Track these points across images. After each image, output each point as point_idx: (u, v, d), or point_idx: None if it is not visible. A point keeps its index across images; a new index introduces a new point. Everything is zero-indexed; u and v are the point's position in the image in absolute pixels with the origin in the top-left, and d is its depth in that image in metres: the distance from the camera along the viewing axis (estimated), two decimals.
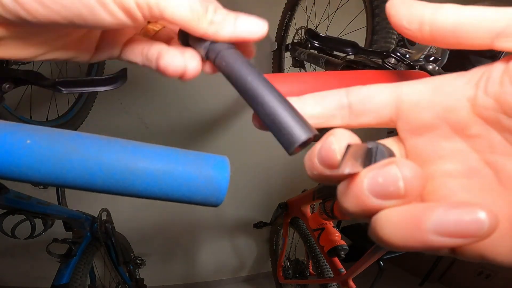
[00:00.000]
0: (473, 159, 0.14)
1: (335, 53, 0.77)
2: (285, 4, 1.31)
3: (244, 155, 1.61)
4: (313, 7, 1.23)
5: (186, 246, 1.71)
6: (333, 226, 0.96)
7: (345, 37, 0.64)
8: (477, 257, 0.13)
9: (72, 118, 1.03)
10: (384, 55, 0.49)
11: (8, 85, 0.37)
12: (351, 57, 0.58)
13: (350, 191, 0.13)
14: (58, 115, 1.01)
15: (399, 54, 0.48)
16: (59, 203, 0.99)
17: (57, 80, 0.34)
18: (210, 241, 1.74)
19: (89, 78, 0.34)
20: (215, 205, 0.18)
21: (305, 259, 1.22)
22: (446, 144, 0.15)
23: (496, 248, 0.13)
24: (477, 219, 0.10)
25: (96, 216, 0.95)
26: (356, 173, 0.13)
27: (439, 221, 0.11)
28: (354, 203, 0.13)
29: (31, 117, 0.91)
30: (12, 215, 0.62)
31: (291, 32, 1.24)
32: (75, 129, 1.05)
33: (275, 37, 1.36)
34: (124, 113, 1.44)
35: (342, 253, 0.89)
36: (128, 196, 0.17)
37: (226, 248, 1.79)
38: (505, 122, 0.13)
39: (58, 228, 0.81)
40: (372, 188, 0.12)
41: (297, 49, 1.06)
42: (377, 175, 0.12)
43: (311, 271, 1.16)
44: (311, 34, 0.72)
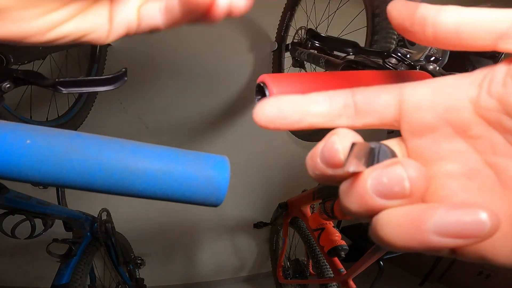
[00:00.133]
0: (474, 160, 0.14)
1: (335, 53, 0.77)
2: (285, 4, 1.31)
3: (244, 155, 1.61)
4: (313, 7, 1.23)
5: (186, 246, 1.71)
6: (333, 226, 0.96)
7: (345, 37, 0.64)
8: (477, 258, 0.13)
9: (72, 118, 1.03)
10: (384, 55, 0.49)
11: (8, 85, 0.37)
12: (352, 57, 0.58)
13: (353, 190, 0.13)
14: (58, 115, 1.01)
15: (399, 54, 0.48)
16: (59, 203, 0.99)
17: (57, 80, 0.34)
18: (210, 241, 1.74)
19: (89, 78, 0.34)
20: (215, 205, 0.18)
21: (305, 259, 1.22)
22: (448, 145, 0.15)
23: (497, 249, 0.13)
24: (478, 220, 0.10)
25: (96, 216, 0.95)
26: (359, 172, 0.13)
27: (440, 222, 0.11)
28: (357, 202, 0.13)
29: (31, 117, 0.91)
30: (12, 215, 0.62)
31: (291, 32, 1.24)
32: (75, 129, 1.05)
33: (275, 37, 1.36)
34: (124, 113, 1.44)
35: (342, 253, 0.89)
36: (128, 196, 0.17)
37: (226, 248, 1.78)
38: (507, 124, 0.13)
39: (58, 228, 0.81)
40: (376, 188, 0.12)
41: (297, 49, 1.06)
42: (382, 175, 0.12)
43: (311, 271, 1.16)
44: (312, 34, 0.72)
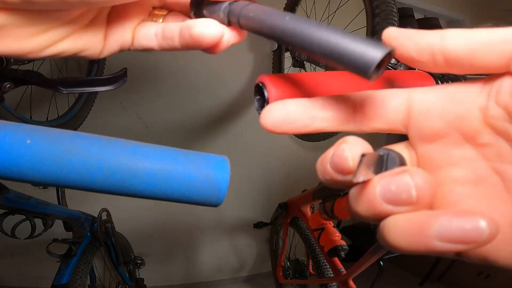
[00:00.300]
0: (482, 167, 0.15)
1: None
2: (285, 4, 1.31)
3: (244, 155, 1.61)
4: (313, 7, 1.23)
5: (186, 246, 1.71)
6: (333, 226, 0.96)
7: None
8: (481, 259, 0.14)
9: (72, 118, 1.03)
10: None
11: (8, 85, 0.37)
12: None
13: (363, 196, 0.13)
14: (58, 115, 1.01)
15: None
16: (59, 203, 0.99)
17: (57, 80, 0.34)
18: (210, 241, 1.74)
19: (89, 78, 0.34)
20: (215, 205, 0.18)
21: (305, 259, 1.22)
22: (456, 152, 0.15)
23: (499, 252, 0.13)
24: (478, 227, 0.11)
25: (96, 216, 0.95)
26: (369, 179, 0.13)
27: (442, 228, 0.12)
28: (366, 207, 0.13)
29: (31, 117, 0.91)
30: (12, 215, 0.62)
31: None
32: (75, 129, 1.05)
33: None
34: (124, 113, 1.44)
35: (342, 253, 0.89)
36: (128, 196, 0.17)
37: (226, 248, 1.79)
38: None
39: (58, 228, 0.81)
40: (384, 195, 0.13)
41: None
42: (390, 182, 0.13)
43: (311, 271, 1.16)
44: None
